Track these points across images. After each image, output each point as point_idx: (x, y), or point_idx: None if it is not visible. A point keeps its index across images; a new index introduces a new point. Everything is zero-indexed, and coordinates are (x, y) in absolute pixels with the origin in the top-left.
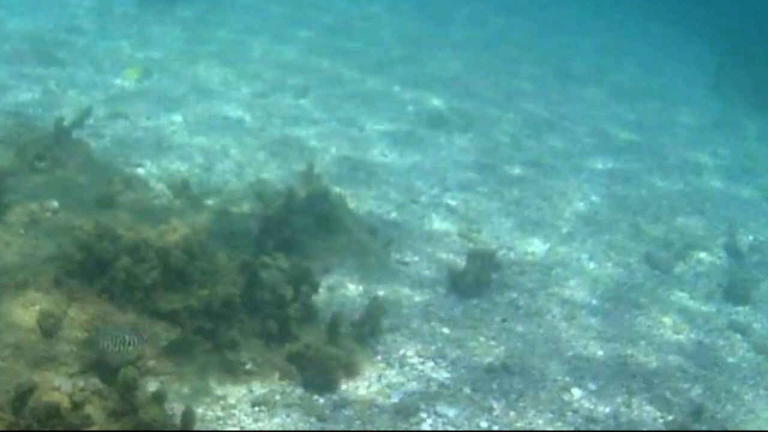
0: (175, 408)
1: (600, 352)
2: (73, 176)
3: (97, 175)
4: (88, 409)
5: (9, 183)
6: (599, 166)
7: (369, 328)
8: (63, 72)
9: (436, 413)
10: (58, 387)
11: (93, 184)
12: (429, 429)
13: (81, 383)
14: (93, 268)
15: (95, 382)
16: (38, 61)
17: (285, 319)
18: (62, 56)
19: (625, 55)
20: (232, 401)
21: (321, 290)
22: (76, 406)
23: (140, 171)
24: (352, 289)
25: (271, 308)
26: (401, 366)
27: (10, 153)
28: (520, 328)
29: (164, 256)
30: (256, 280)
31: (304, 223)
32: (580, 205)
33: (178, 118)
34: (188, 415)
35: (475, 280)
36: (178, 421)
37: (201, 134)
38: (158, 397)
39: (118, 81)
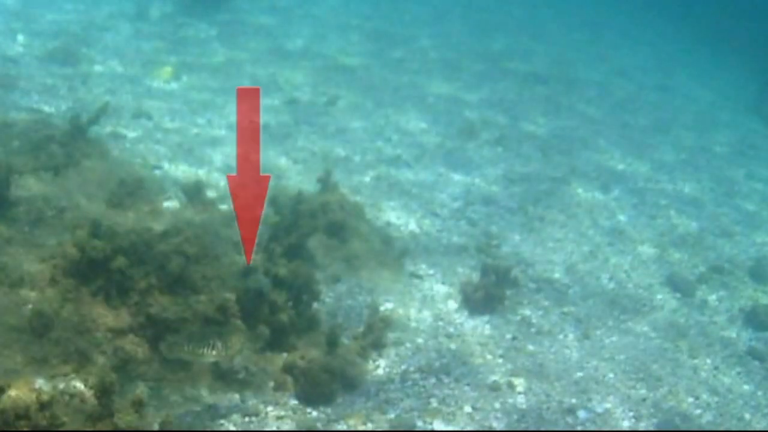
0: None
1: (611, 375)
2: (85, 174)
3: (111, 174)
4: (62, 410)
5: (19, 180)
6: (630, 183)
7: (371, 340)
8: (91, 70)
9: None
10: (38, 389)
11: (105, 184)
12: None
13: (62, 385)
14: (89, 268)
15: (76, 384)
16: (67, 59)
17: (279, 326)
18: (92, 55)
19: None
20: (222, 411)
21: (328, 300)
22: (43, 406)
23: (157, 173)
24: (361, 300)
25: (265, 315)
26: (402, 381)
27: (24, 149)
28: (530, 347)
29: (162, 258)
30: (251, 285)
31: (311, 229)
32: (606, 224)
33: (202, 120)
34: (167, 424)
35: (487, 295)
36: (156, 428)
37: (224, 138)
38: (137, 403)
39: (146, 81)
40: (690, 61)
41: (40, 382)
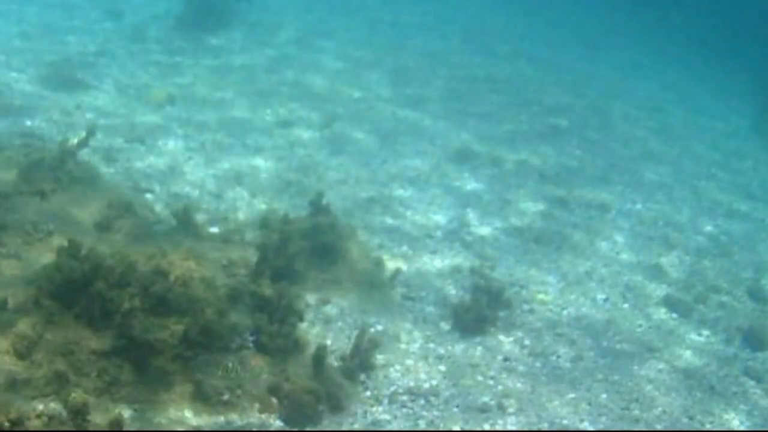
0: None
1: (604, 395)
2: (75, 198)
3: (101, 197)
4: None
5: (7, 204)
6: (627, 205)
7: (359, 362)
8: (85, 95)
9: None
10: (8, 407)
11: (94, 207)
12: None
13: (41, 407)
14: (70, 291)
15: (55, 406)
16: (61, 84)
17: (261, 347)
18: (88, 80)
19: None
20: None
21: (317, 322)
22: (13, 423)
23: (149, 196)
24: (350, 322)
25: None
26: (390, 403)
27: (13, 174)
28: (522, 368)
29: (146, 281)
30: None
31: (298, 251)
32: (603, 245)
33: (194, 145)
34: None
35: (479, 317)
36: None
37: (217, 162)
38: (114, 424)
39: (139, 106)
40: (693, 84)
41: (19, 404)
